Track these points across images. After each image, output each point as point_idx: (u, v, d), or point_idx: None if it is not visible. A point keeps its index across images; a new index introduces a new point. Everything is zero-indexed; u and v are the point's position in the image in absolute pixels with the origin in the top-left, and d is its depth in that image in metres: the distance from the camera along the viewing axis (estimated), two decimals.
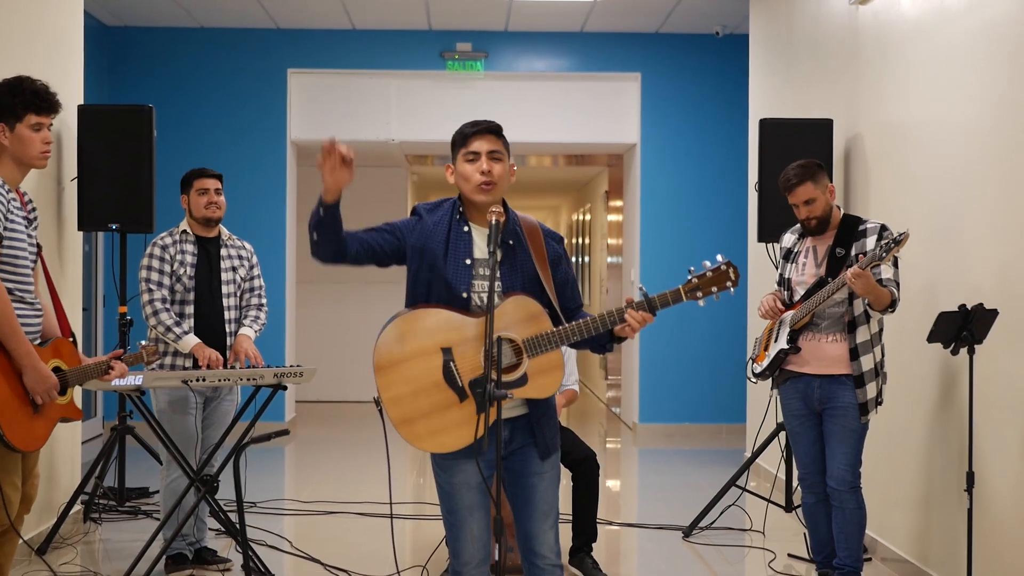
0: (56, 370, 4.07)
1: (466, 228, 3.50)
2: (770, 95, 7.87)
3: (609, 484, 8.06)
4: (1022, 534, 4.28)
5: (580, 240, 16.52)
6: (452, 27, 9.99)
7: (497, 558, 3.20)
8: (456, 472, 3.46)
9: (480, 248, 3.49)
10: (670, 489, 7.68)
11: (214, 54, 9.99)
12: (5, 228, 3.90)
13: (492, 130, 3.49)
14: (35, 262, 4.12)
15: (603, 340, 3.52)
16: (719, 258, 3.47)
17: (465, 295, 3.44)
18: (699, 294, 3.46)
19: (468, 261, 3.47)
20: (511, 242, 3.50)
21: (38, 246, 4.15)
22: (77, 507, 6.08)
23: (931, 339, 4.16)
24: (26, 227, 4.05)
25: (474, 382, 3.35)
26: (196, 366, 5.15)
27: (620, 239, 11.44)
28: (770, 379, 5.08)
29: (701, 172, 10.03)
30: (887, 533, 5.62)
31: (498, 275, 3.44)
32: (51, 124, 4.08)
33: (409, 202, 13.39)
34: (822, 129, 6.20)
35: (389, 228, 3.51)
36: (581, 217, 16.34)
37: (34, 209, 4.14)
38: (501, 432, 3.25)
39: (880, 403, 4.78)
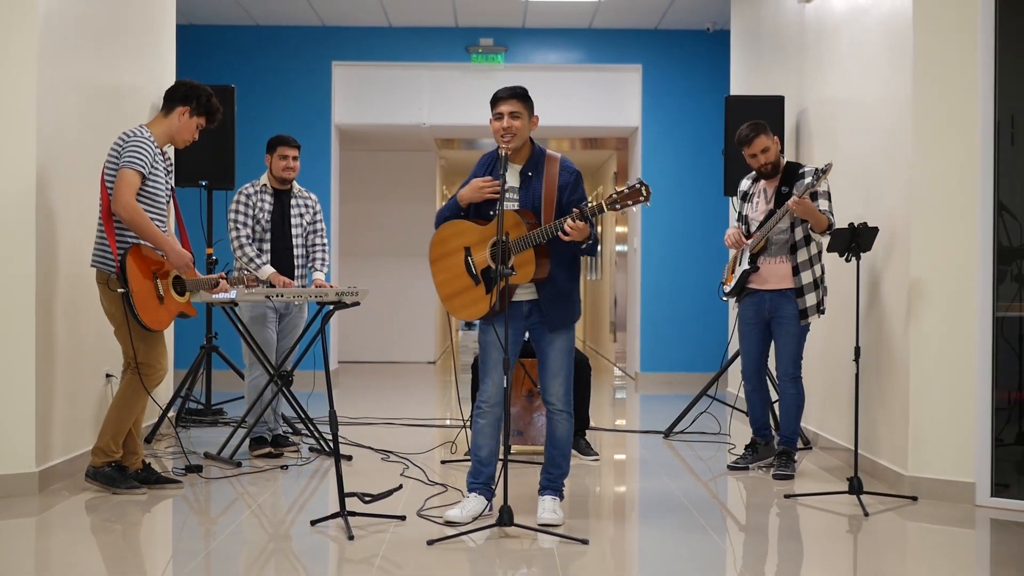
0: (177, 279, 5.52)
1: None
2: (744, 80, 9.25)
3: (618, 421, 9.39)
4: (900, 393, 5.63)
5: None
6: (476, 24, 11.35)
7: (505, 385, 4.62)
8: (488, 333, 4.88)
9: (511, 179, 4.86)
10: (659, 413, 8.98)
11: (268, 48, 11.36)
12: (149, 172, 5.33)
13: (512, 95, 4.85)
14: (168, 200, 5.55)
15: (573, 247, 4.76)
16: (636, 178, 4.63)
17: (492, 212, 4.82)
18: (618, 206, 4.59)
19: None
20: (530, 173, 4.86)
21: (172, 188, 5.58)
22: (171, 414, 7.49)
23: (829, 250, 5.48)
24: (164, 174, 5.48)
25: (484, 270, 4.79)
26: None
27: (627, 226, 12.75)
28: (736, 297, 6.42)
29: (694, 149, 11.36)
30: (826, 427, 6.96)
31: (517, 197, 4.82)
32: None
33: (438, 185, 14.76)
34: (775, 104, 7.59)
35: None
36: (592, 202, 17.59)
37: (170, 161, 5.56)
38: (507, 301, 4.65)
39: (822, 311, 6.08)
